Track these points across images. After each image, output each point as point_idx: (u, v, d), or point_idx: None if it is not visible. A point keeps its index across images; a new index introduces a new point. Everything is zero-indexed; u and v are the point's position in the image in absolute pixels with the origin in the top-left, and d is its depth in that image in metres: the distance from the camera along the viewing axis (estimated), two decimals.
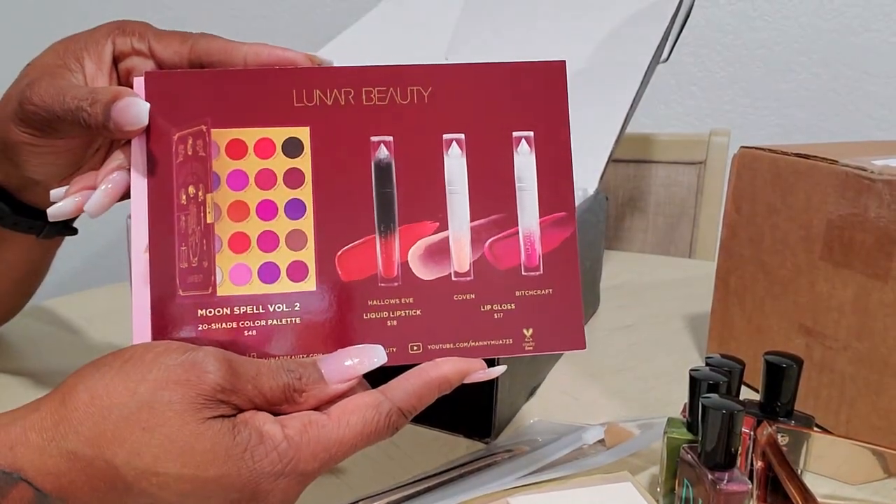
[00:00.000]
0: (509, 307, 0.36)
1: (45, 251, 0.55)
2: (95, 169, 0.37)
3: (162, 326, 0.34)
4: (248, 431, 0.30)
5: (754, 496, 0.41)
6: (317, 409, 0.33)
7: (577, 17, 0.85)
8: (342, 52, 0.86)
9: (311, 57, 0.38)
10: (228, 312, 0.34)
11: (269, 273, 0.35)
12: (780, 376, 0.43)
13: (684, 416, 0.43)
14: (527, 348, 0.36)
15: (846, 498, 0.44)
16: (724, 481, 0.36)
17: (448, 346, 0.36)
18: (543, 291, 0.36)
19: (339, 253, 0.35)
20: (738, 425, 0.37)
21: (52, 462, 0.29)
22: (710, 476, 0.37)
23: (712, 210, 1.08)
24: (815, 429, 0.45)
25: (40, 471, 0.29)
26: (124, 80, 0.43)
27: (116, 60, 0.42)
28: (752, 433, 0.42)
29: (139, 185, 0.35)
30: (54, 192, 0.37)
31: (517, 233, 0.37)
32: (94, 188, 0.36)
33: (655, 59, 0.74)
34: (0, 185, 0.47)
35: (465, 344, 0.36)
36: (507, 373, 0.50)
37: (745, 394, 0.50)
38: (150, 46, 0.42)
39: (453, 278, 0.36)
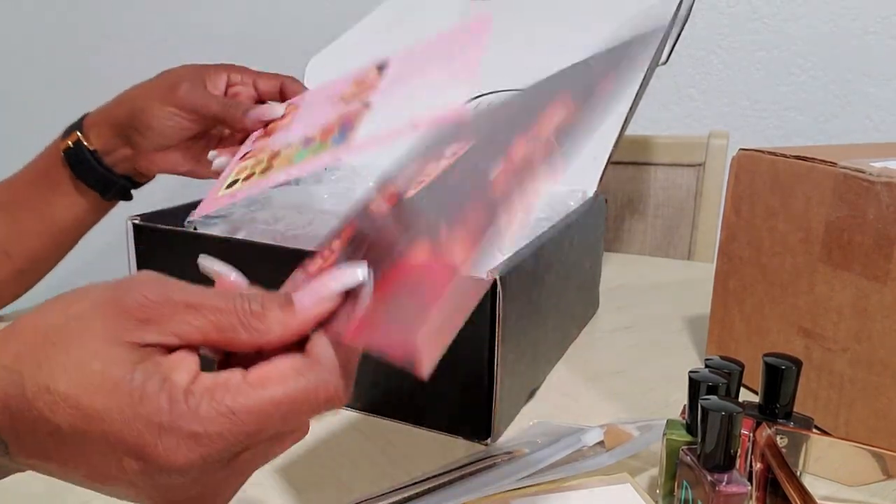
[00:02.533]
0: None
1: (97, 215, 0.68)
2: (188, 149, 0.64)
3: None
4: (153, 371, 0.25)
5: (753, 498, 0.41)
6: (284, 345, 0.27)
7: (577, 20, 0.85)
8: (341, 55, 0.86)
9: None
10: None
11: None
12: (779, 378, 0.43)
13: (683, 418, 0.43)
14: None
15: (845, 499, 0.44)
16: (724, 483, 0.36)
17: None
18: None
19: None
20: (737, 427, 0.37)
21: None
22: (709, 477, 0.37)
23: (711, 212, 1.08)
24: (814, 430, 0.45)
25: None
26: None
27: (227, 86, 0.64)
28: (751, 435, 0.42)
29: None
30: (211, 153, 0.60)
31: None
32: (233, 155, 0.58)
33: (654, 62, 0.74)
34: (94, 150, 0.64)
35: None
36: (506, 374, 0.50)
37: (745, 395, 0.50)
38: (255, 81, 0.64)
39: None
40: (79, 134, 0.64)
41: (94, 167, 0.64)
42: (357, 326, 0.27)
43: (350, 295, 0.27)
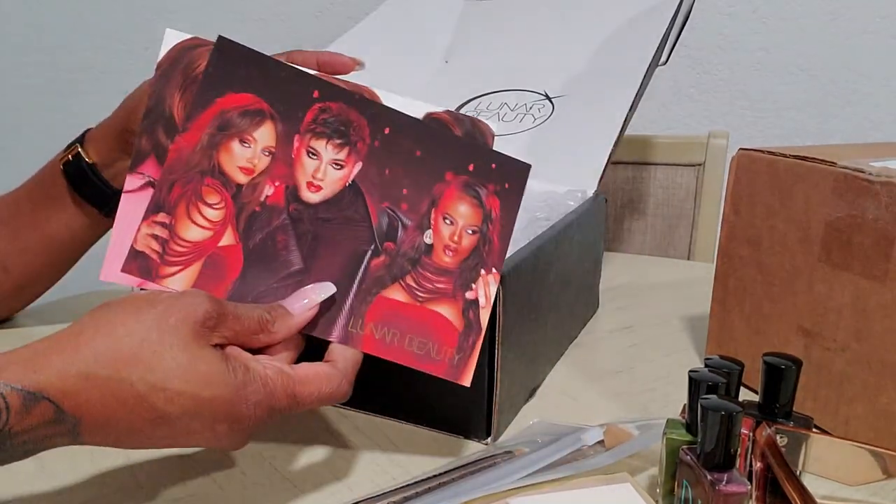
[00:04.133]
0: None
1: (96, 232, 0.66)
2: None
3: None
4: (238, 363, 0.37)
5: (753, 497, 0.41)
6: (286, 343, 0.41)
7: (577, 20, 0.85)
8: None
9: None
10: None
11: None
12: (779, 377, 0.43)
13: (683, 418, 0.43)
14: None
15: (845, 499, 0.44)
16: (723, 482, 0.36)
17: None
18: None
19: None
20: (736, 426, 0.37)
21: (70, 382, 0.34)
22: (708, 477, 0.37)
23: (711, 212, 1.09)
24: (814, 430, 0.45)
25: (59, 390, 0.34)
26: None
27: None
28: (750, 434, 0.42)
29: None
30: None
31: None
32: None
33: (654, 62, 0.74)
34: (92, 163, 0.62)
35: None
36: (506, 374, 0.50)
37: (744, 395, 0.50)
38: None
39: None
40: (79, 147, 0.62)
41: (91, 180, 0.62)
42: (370, 341, 0.43)
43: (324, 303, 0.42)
